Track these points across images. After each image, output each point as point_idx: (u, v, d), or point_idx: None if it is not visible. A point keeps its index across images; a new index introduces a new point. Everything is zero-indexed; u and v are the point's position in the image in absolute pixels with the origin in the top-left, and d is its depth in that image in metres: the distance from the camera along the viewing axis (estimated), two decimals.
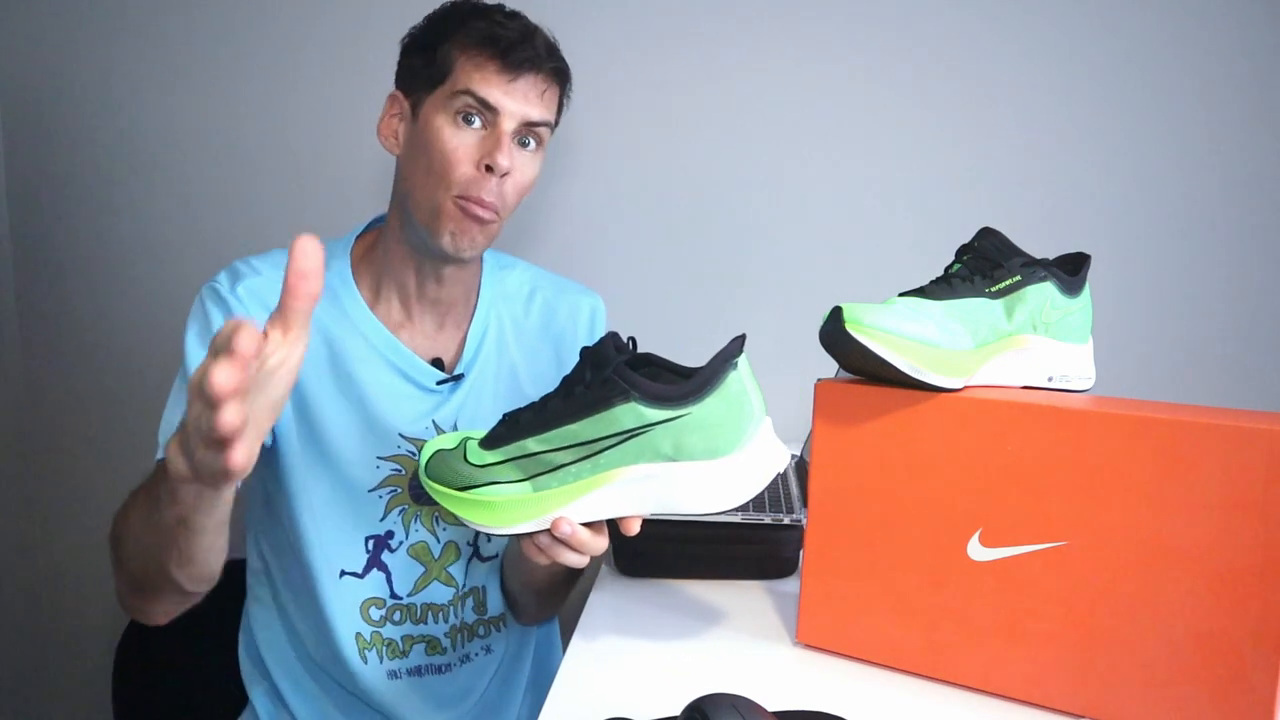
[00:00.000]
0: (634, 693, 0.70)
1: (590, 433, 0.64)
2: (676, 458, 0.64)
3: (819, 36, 1.32)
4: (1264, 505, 0.57)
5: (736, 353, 0.65)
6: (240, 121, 1.41)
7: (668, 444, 0.64)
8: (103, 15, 1.40)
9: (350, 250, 0.93)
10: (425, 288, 0.91)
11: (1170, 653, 0.61)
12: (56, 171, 1.45)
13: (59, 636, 1.58)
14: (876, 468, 0.71)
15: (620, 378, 0.63)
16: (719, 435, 0.64)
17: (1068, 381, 0.77)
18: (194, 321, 0.87)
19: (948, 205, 1.32)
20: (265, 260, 0.90)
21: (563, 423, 0.65)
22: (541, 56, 0.83)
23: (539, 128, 0.86)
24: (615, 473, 0.65)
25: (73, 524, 1.55)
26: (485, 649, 0.99)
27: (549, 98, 0.86)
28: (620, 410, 0.63)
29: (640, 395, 0.63)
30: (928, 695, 0.69)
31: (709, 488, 0.65)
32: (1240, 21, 1.25)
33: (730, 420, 0.64)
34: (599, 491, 0.65)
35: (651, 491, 0.65)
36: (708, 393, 0.63)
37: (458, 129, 0.83)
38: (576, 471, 0.65)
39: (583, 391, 0.65)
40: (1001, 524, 0.66)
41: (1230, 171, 1.28)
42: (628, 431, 0.63)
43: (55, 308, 1.49)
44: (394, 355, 0.90)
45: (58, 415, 1.52)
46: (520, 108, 0.83)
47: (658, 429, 0.63)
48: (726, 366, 0.64)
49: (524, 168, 0.86)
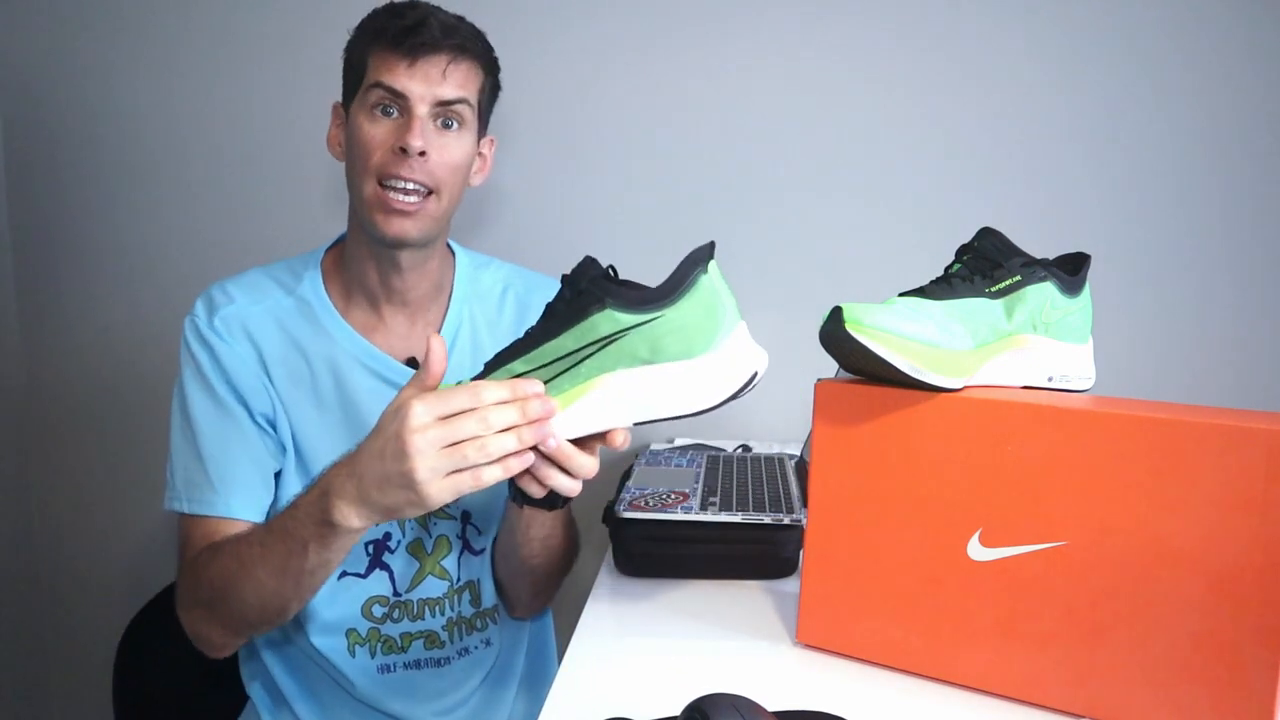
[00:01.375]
0: (634, 693, 0.70)
1: (570, 344, 0.66)
2: (653, 360, 0.65)
3: (819, 36, 1.32)
4: (1264, 505, 0.57)
5: (707, 256, 0.67)
6: (241, 121, 1.41)
7: (644, 347, 0.65)
8: (103, 16, 1.40)
9: (321, 262, 0.96)
10: (389, 281, 0.93)
11: (1170, 653, 0.61)
12: (56, 171, 1.45)
13: (59, 636, 1.58)
14: (876, 468, 0.71)
15: (595, 288, 0.65)
16: (693, 336, 0.66)
17: (1068, 381, 0.77)
18: (186, 364, 0.91)
19: (948, 205, 1.32)
20: (240, 284, 0.93)
21: (544, 340, 0.67)
22: (437, 37, 0.85)
23: (456, 105, 0.87)
24: (595, 381, 0.66)
25: (73, 523, 1.55)
26: (484, 642, 1.00)
27: (457, 75, 0.87)
28: (596, 318, 0.65)
29: (615, 301, 0.65)
30: (928, 695, 0.69)
31: (686, 387, 0.66)
32: (1240, 22, 1.25)
33: (704, 321, 0.66)
34: (581, 402, 0.67)
35: (631, 396, 0.66)
36: (680, 295, 0.65)
37: (375, 121, 0.87)
38: (558, 385, 0.67)
39: (562, 308, 0.67)
40: (1001, 524, 0.66)
41: (1230, 171, 1.28)
42: (605, 338, 0.65)
43: (55, 306, 1.49)
44: (369, 359, 0.93)
45: (58, 414, 1.52)
46: (425, 89, 0.85)
47: (632, 333, 0.65)
48: (696, 269, 0.66)
49: (449, 146, 0.88)
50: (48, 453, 1.53)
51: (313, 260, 0.97)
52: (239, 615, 0.82)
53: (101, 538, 1.54)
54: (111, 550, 1.54)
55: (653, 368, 0.66)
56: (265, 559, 0.77)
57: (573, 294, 0.67)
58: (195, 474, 0.88)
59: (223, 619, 0.83)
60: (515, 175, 1.36)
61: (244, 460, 0.88)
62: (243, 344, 0.90)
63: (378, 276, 0.93)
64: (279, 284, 0.95)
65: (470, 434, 0.63)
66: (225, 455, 0.88)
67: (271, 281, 0.95)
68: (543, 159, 1.38)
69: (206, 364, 0.89)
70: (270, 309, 0.92)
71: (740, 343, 0.68)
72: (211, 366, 0.89)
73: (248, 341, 0.91)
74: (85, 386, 1.50)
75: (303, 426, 0.92)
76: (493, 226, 1.37)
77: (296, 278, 0.95)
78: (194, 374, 0.90)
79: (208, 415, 0.88)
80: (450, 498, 0.64)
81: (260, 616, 0.81)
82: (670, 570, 0.92)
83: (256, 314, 0.92)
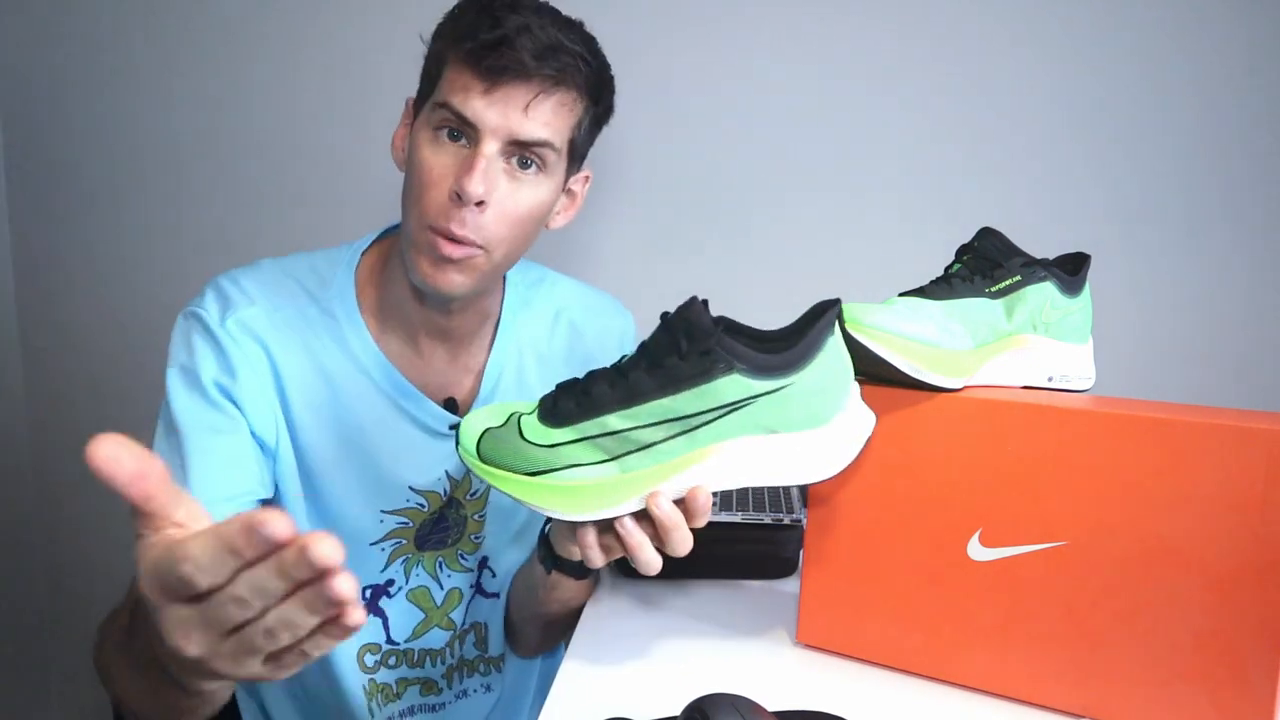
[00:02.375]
0: (634, 693, 0.70)
1: (687, 407, 0.59)
2: (777, 429, 0.61)
3: (818, 35, 1.32)
4: (1264, 505, 0.57)
5: (835, 317, 0.62)
6: (241, 121, 1.41)
7: (770, 416, 0.60)
8: (103, 16, 1.40)
9: (356, 267, 0.83)
10: (433, 319, 0.81)
11: (1170, 653, 0.61)
12: (56, 171, 1.45)
13: (59, 636, 1.58)
14: (876, 468, 0.71)
15: (724, 348, 0.59)
16: (820, 404, 0.61)
17: (1068, 381, 0.77)
18: (178, 353, 0.77)
19: (948, 205, 1.32)
20: (257, 280, 0.80)
21: (654, 397, 0.59)
22: (527, 62, 0.69)
23: (538, 148, 0.72)
24: (713, 448, 0.60)
25: (73, 523, 1.55)
26: (485, 687, 0.95)
27: (545, 111, 0.71)
28: (723, 383, 0.58)
29: (745, 367, 0.59)
30: (928, 695, 0.69)
31: (810, 457, 0.62)
32: (1241, 21, 1.25)
33: (830, 388, 0.62)
34: (695, 469, 0.60)
35: (750, 465, 0.61)
36: (810, 360, 0.60)
37: (438, 146, 0.72)
38: (670, 449, 0.60)
39: (677, 364, 0.59)
40: (1001, 524, 0.66)
41: (1230, 171, 1.28)
42: (730, 404, 0.59)
43: (55, 306, 1.49)
44: (402, 397, 0.81)
45: (58, 413, 1.52)
46: (501, 122, 0.70)
47: (761, 400, 0.59)
48: (826, 332, 0.61)
49: (517, 195, 0.73)
50: (48, 452, 1.53)
51: (344, 263, 0.82)
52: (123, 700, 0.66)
53: (101, 537, 1.54)
54: (112, 550, 1.54)
55: (777, 437, 0.61)
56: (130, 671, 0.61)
57: (692, 349, 0.59)
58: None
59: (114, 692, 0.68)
60: None
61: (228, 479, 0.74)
62: (258, 356, 0.77)
63: (418, 310, 0.81)
64: (302, 287, 0.81)
65: (236, 620, 0.38)
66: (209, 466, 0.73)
67: (293, 282, 0.81)
68: None
69: (207, 361, 0.75)
70: (291, 319, 0.79)
71: (857, 406, 0.65)
72: (213, 365, 0.75)
73: (264, 355, 0.77)
74: (85, 385, 1.50)
75: (316, 457, 0.80)
76: None
77: (323, 283, 0.81)
78: (184, 373, 0.76)
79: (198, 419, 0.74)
80: (292, 672, 0.42)
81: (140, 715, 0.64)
82: (670, 570, 0.92)
83: (278, 323, 0.78)
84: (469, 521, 0.89)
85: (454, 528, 0.89)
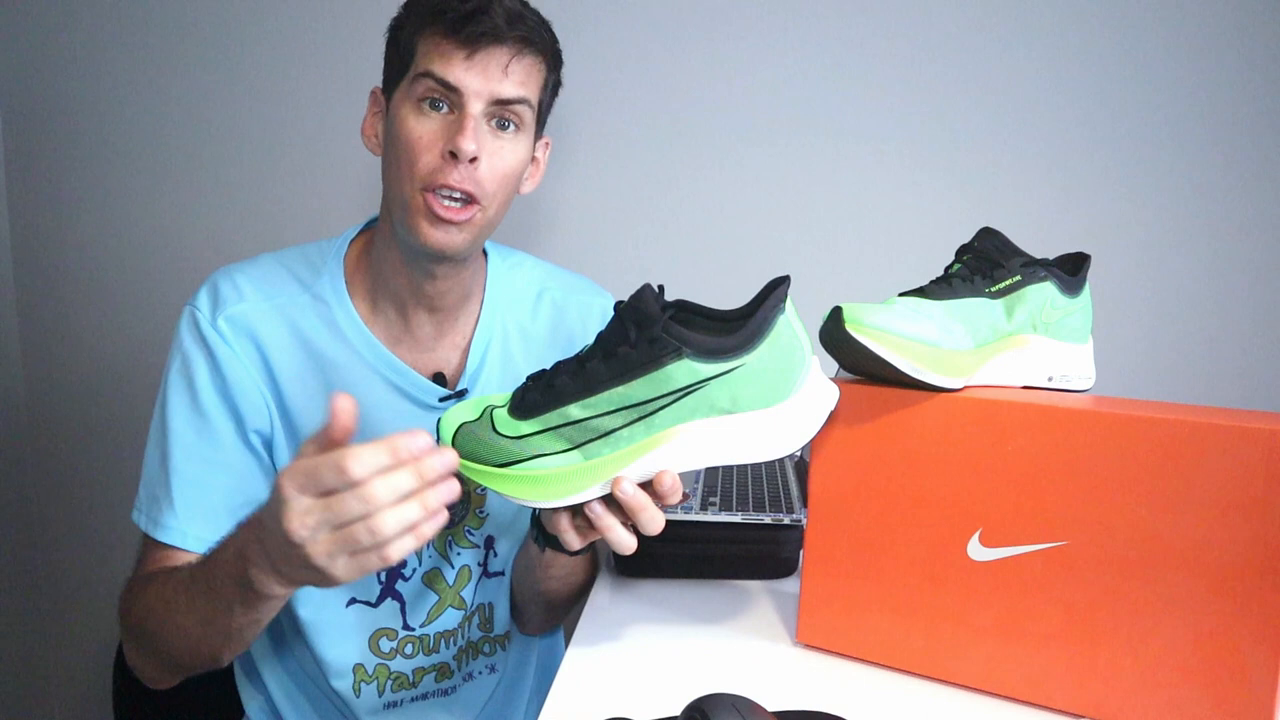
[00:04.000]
0: (634, 693, 0.70)
1: (642, 393, 0.61)
2: (734, 410, 0.62)
3: (818, 35, 1.32)
4: (1264, 505, 0.57)
5: (784, 295, 0.63)
6: (241, 120, 1.41)
7: (724, 397, 0.61)
8: (102, 16, 1.40)
9: (344, 255, 0.87)
10: (421, 289, 0.84)
11: (1170, 653, 0.61)
12: (56, 171, 1.45)
13: (59, 636, 1.58)
14: (876, 468, 0.71)
15: (670, 335, 0.60)
16: (775, 382, 0.62)
17: (1068, 381, 0.77)
18: (175, 359, 0.82)
19: (948, 205, 1.32)
20: (250, 275, 0.84)
21: (609, 385, 0.61)
22: (501, 26, 0.75)
23: (515, 106, 0.78)
24: (671, 431, 0.62)
25: (73, 523, 1.55)
26: (489, 668, 0.96)
27: (520, 71, 0.78)
28: (673, 368, 0.60)
29: (693, 351, 0.60)
30: (928, 695, 0.69)
31: (768, 436, 0.63)
32: (1241, 21, 1.25)
33: (784, 366, 0.63)
34: (656, 453, 0.62)
35: (709, 446, 0.63)
36: (760, 340, 0.61)
37: (422, 116, 0.77)
38: (630, 435, 0.62)
39: (628, 352, 0.61)
40: (1001, 524, 0.66)
41: (1230, 171, 1.28)
42: (682, 389, 0.61)
43: (55, 306, 1.49)
44: (392, 373, 0.85)
45: (58, 412, 1.52)
46: (484, 84, 0.76)
47: (713, 383, 0.61)
48: (776, 311, 0.62)
49: (502, 152, 0.79)
50: (48, 452, 1.53)
51: (333, 253, 0.87)
52: (167, 656, 0.75)
53: (102, 538, 1.54)
54: (111, 551, 1.54)
55: (733, 418, 0.62)
56: (190, 609, 0.69)
57: (640, 337, 0.61)
58: (158, 488, 0.80)
59: (152, 652, 0.77)
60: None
61: (216, 485, 0.80)
62: (248, 350, 0.81)
63: (408, 283, 0.84)
64: (294, 277, 0.85)
65: (355, 515, 0.53)
66: (195, 475, 0.79)
67: (286, 273, 0.85)
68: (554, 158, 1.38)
69: (201, 367, 0.80)
70: (282, 307, 0.83)
71: (816, 382, 0.65)
72: (205, 371, 0.80)
73: (254, 348, 0.81)
74: (86, 384, 1.50)
75: None
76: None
77: (315, 271, 0.85)
78: (181, 374, 0.81)
79: (187, 426, 0.80)
80: (360, 576, 0.57)
81: (190, 662, 0.74)
82: (670, 570, 0.92)
83: (266, 312, 0.82)
84: (472, 496, 0.91)
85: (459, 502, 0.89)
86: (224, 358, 0.80)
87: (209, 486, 0.80)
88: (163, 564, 0.78)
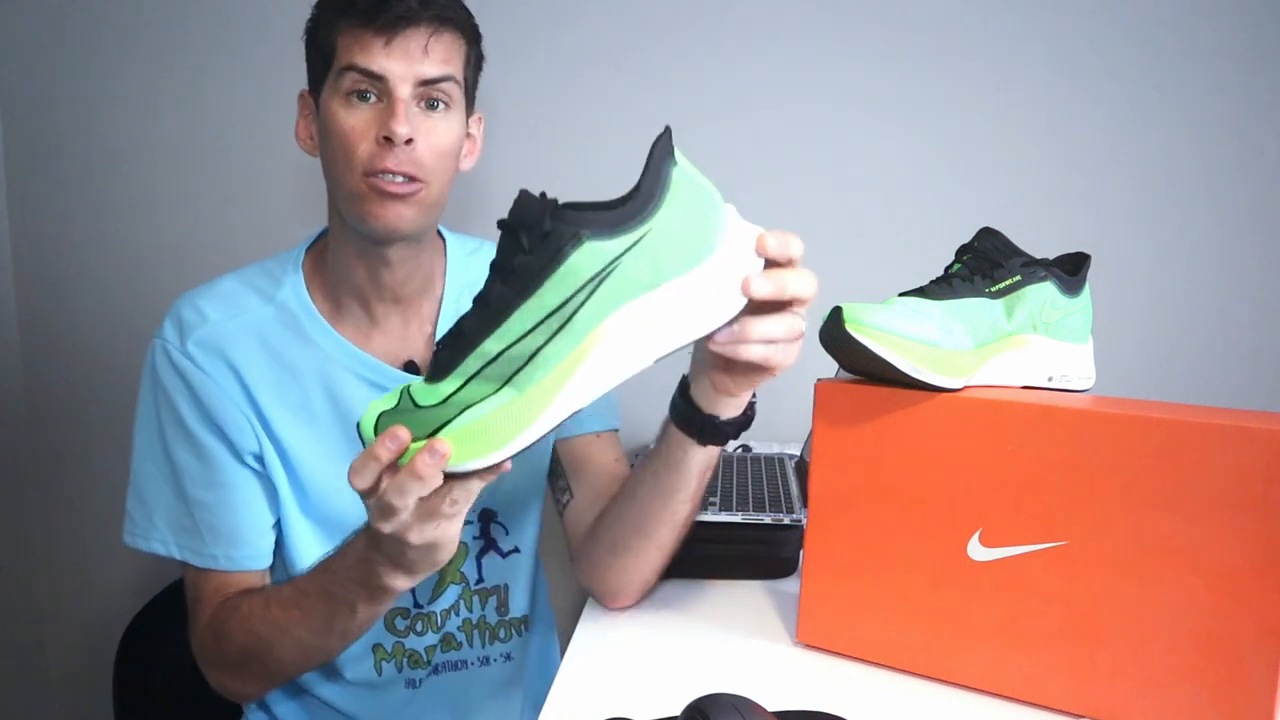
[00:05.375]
0: (634, 693, 0.70)
1: (553, 298, 0.54)
2: (659, 281, 0.55)
3: (818, 35, 1.32)
4: (1264, 505, 0.57)
5: (669, 146, 0.57)
6: (240, 121, 1.41)
7: (643, 270, 0.55)
8: (102, 17, 1.40)
9: (301, 264, 0.88)
10: (379, 278, 0.85)
11: (1170, 653, 0.61)
12: (56, 172, 1.45)
13: (59, 636, 1.58)
14: (876, 468, 0.71)
15: (563, 221, 0.54)
16: (693, 237, 0.56)
17: (1068, 381, 0.77)
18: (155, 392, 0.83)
19: (948, 205, 1.32)
20: (211, 297, 0.85)
21: (516, 304, 0.54)
22: (414, 7, 0.76)
23: (441, 84, 0.79)
24: (600, 330, 0.55)
25: (74, 523, 1.55)
26: (505, 656, 0.97)
27: (440, 49, 0.78)
28: (576, 257, 0.53)
29: (593, 230, 0.54)
30: (928, 695, 0.69)
31: (707, 296, 0.57)
32: (1240, 22, 1.25)
33: (697, 217, 0.57)
34: (592, 358, 0.55)
35: (648, 332, 0.56)
36: (660, 197, 0.56)
37: (351, 108, 0.78)
38: (557, 350, 0.54)
39: (525, 260, 0.54)
40: (1001, 524, 0.66)
41: (1230, 171, 1.28)
42: (595, 276, 0.54)
43: (55, 307, 1.49)
44: (364, 369, 0.86)
45: (58, 413, 1.52)
46: (406, 68, 0.77)
47: (625, 259, 0.54)
48: (666, 163, 0.56)
49: (436, 130, 0.79)
50: (48, 452, 1.53)
51: (291, 262, 0.88)
52: (277, 671, 0.81)
53: (102, 537, 1.54)
54: (111, 551, 1.54)
55: (661, 290, 0.56)
56: (306, 621, 0.75)
57: (533, 239, 0.54)
58: (181, 518, 0.82)
59: (257, 676, 0.82)
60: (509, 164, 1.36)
61: (235, 502, 0.83)
62: (221, 372, 0.82)
63: (367, 274, 0.85)
64: (256, 291, 0.86)
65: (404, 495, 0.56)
66: (214, 501, 0.82)
67: (247, 289, 0.86)
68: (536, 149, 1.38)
69: (181, 398, 0.81)
70: (249, 323, 0.84)
71: (739, 228, 0.59)
72: (187, 401, 0.81)
73: (227, 368, 0.82)
74: (85, 384, 1.50)
75: (298, 450, 0.84)
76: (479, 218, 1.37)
77: (275, 282, 0.86)
78: (167, 407, 0.82)
79: (188, 454, 0.82)
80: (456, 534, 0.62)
81: (302, 669, 0.81)
82: (670, 570, 0.92)
83: (233, 331, 0.83)
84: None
85: None
86: (199, 383, 0.81)
87: (231, 506, 0.83)
88: (224, 591, 0.82)
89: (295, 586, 0.77)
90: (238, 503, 0.83)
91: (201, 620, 0.83)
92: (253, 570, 0.84)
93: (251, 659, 0.79)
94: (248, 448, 0.83)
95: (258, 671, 0.81)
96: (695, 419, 0.73)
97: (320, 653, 0.78)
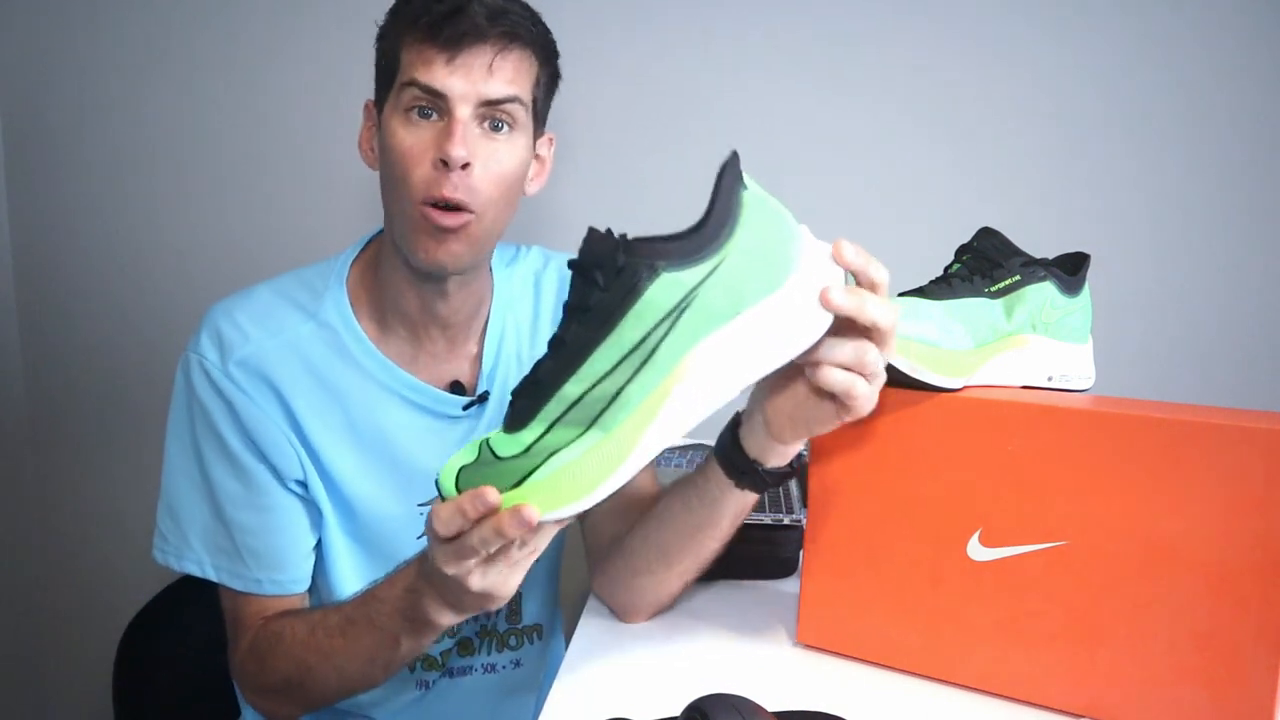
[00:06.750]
0: (634, 693, 0.70)
1: (633, 334, 0.52)
2: (739, 309, 0.54)
3: (818, 35, 1.32)
4: (1264, 505, 0.57)
5: (738, 170, 0.56)
6: (241, 121, 1.41)
7: (721, 300, 0.53)
8: (102, 16, 1.40)
9: (346, 277, 0.84)
10: (434, 309, 0.82)
11: (1170, 653, 0.61)
12: (57, 171, 1.45)
13: (59, 636, 1.58)
14: (876, 468, 0.71)
15: (637, 255, 0.52)
16: (770, 260, 0.55)
17: (1068, 381, 0.77)
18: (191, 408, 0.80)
19: (948, 205, 1.32)
20: (249, 311, 0.81)
21: (596, 344, 0.53)
22: (482, 24, 0.72)
23: (505, 105, 0.75)
24: (683, 363, 0.53)
25: (73, 523, 1.55)
26: (514, 663, 0.96)
27: (506, 68, 0.74)
28: (653, 291, 0.52)
29: (667, 262, 0.52)
30: (928, 695, 0.69)
31: (792, 319, 0.55)
32: (1240, 22, 1.25)
33: (773, 240, 0.55)
34: (678, 393, 0.53)
35: (735, 361, 0.54)
36: (734, 223, 0.54)
37: (411, 126, 0.74)
38: (641, 386, 0.53)
39: (601, 296, 0.53)
40: (1001, 524, 0.66)
41: (1230, 171, 1.28)
42: (673, 309, 0.52)
43: (56, 305, 1.49)
44: (410, 392, 0.83)
45: (58, 413, 1.52)
46: (468, 86, 0.73)
47: (702, 290, 0.53)
48: (737, 189, 0.55)
49: (497, 154, 0.75)
50: (48, 452, 1.53)
51: (334, 275, 0.84)
52: (320, 698, 0.80)
53: (102, 538, 1.54)
54: (112, 550, 1.54)
55: (742, 318, 0.54)
56: (349, 650, 0.73)
57: (607, 276, 0.53)
58: (218, 539, 0.80)
59: (299, 702, 0.81)
60: None
61: (276, 526, 0.81)
62: (264, 395, 0.79)
63: (419, 303, 0.82)
64: (295, 305, 0.82)
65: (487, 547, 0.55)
66: (255, 525, 0.80)
67: (286, 303, 0.82)
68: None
69: (222, 419, 0.79)
70: (289, 341, 0.80)
71: (814, 248, 0.58)
72: (229, 423, 0.79)
73: (270, 391, 0.79)
74: (86, 385, 1.50)
75: (342, 472, 0.82)
76: None
77: (316, 297, 0.83)
78: (205, 426, 0.79)
79: (228, 476, 0.80)
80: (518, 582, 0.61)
81: (345, 696, 0.80)
82: None
83: (275, 350, 0.80)
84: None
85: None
86: (242, 406, 0.78)
87: (273, 530, 0.81)
88: (264, 613, 0.81)
89: (342, 614, 0.75)
90: (280, 526, 0.81)
91: (242, 645, 0.81)
92: (294, 594, 0.83)
93: (294, 686, 0.78)
94: (291, 472, 0.81)
95: (299, 698, 0.80)
96: (738, 461, 0.70)
97: (364, 681, 0.77)
